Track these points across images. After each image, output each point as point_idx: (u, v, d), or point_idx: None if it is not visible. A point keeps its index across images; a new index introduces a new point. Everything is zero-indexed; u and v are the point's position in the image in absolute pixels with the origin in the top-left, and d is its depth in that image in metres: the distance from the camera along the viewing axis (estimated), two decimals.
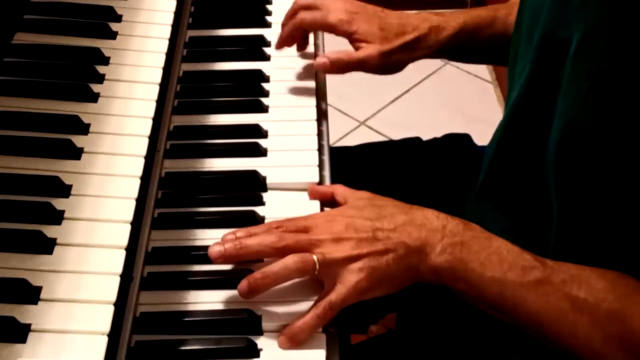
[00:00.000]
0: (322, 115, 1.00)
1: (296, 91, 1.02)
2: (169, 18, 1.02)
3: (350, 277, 0.74)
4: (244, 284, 0.73)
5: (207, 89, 1.01)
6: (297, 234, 0.76)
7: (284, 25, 1.04)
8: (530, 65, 0.82)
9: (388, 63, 1.01)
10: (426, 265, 0.75)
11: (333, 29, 1.01)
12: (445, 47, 1.02)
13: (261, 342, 0.73)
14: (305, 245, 0.75)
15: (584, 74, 0.71)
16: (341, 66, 0.99)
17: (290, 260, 0.73)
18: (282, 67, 1.05)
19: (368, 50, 0.99)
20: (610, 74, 0.69)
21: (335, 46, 1.03)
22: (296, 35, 1.03)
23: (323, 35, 1.11)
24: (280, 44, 1.04)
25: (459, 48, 1.04)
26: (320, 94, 1.02)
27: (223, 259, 0.75)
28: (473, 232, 0.77)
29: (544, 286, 0.73)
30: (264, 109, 0.98)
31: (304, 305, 0.75)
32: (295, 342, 0.72)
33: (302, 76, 1.03)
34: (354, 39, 1.01)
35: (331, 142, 0.99)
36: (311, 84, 1.03)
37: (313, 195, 0.87)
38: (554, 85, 0.76)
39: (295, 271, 0.74)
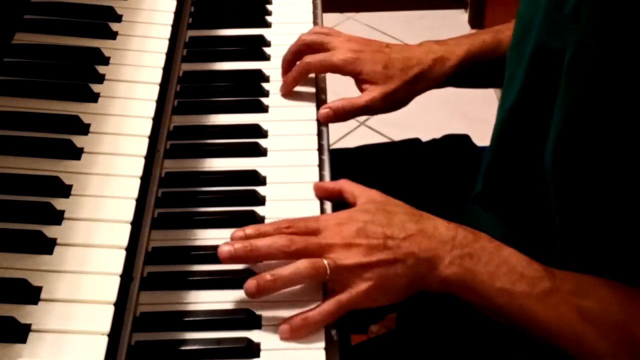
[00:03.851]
0: None
1: (296, 91, 1.01)
2: (169, 18, 1.02)
3: (360, 284, 0.74)
4: (252, 284, 0.73)
5: (207, 89, 1.01)
6: (307, 237, 0.76)
7: (286, 61, 1.02)
8: (524, 75, 0.82)
9: (392, 103, 1.00)
10: (434, 277, 0.76)
11: (338, 70, 1.00)
12: (451, 77, 1.02)
13: (261, 341, 0.73)
14: (316, 249, 0.75)
15: (579, 85, 0.71)
16: (345, 114, 0.98)
17: (302, 265, 0.73)
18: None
19: (371, 94, 0.98)
20: (604, 83, 0.69)
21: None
22: (302, 78, 1.01)
23: None
24: (287, 89, 1.00)
25: (464, 76, 1.03)
26: (320, 94, 1.02)
27: (232, 259, 0.75)
28: (482, 242, 0.77)
29: (552, 296, 0.74)
30: (264, 109, 0.98)
31: (304, 306, 0.75)
32: (296, 333, 0.72)
33: None
34: (359, 80, 1.00)
35: (331, 142, 0.98)
36: (311, 84, 1.02)
37: (318, 193, 0.86)
38: (549, 94, 0.76)
39: (306, 276, 0.74)
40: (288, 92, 1.01)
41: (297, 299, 0.76)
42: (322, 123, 0.98)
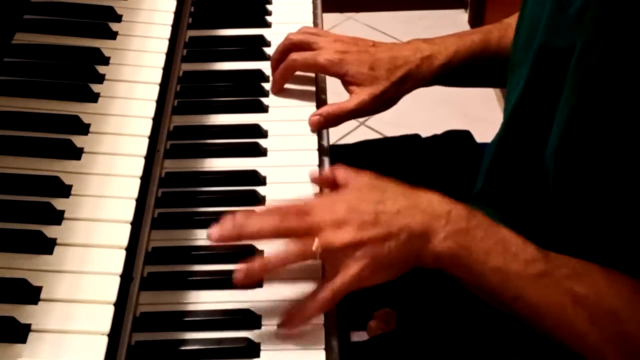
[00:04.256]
0: None
1: (296, 91, 1.02)
2: (169, 18, 1.02)
3: (352, 265, 0.73)
4: (240, 268, 0.73)
5: (207, 89, 1.01)
6: (297, 217, 0.75)
7: (274, 60, 1.02)
8: (528, 73, 0.82)
9: (381, 103, 1.00)
10: (428, 251, 0.74)
11: (323, 70, 1.01)
12: (438, 76, 1.01)
13: (261, 342, 0.73)
14: (307, 228, 0.74)
15: (583, 85, 0.71)
16: (335, 120, 0.98)
17: (291, 246, 0.73)
18: None
19: (359, 97, 0.98)
20: (607, 86, 0.69)
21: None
22: (288, 76, 1.02)
23: None
24: (276, 87, 1.01)
25: (452, 75, 1.02)
26: (320, 94, 1.02)
27: (222, 239, 0.74)
28: (478, 219, 0.76)
29: (545, 279, 0.73)
30: (264, 109, 0.98)
31: None
32: (294, 326, 0.72)
33: (302, 76, 1.03)
34: (345, 81, 1.00)
35: (331, 142, 0.99)
36: (311, 84, 1.03)
37: (315, 181, 0.86)
38: (553, 94, 0.76)
39: (297, 257, 0.73)
40: (278, 90, 1.01)
41: (298, 299, 0.76)
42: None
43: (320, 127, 0.97)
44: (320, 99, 1.02)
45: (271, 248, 0.76)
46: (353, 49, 1.00)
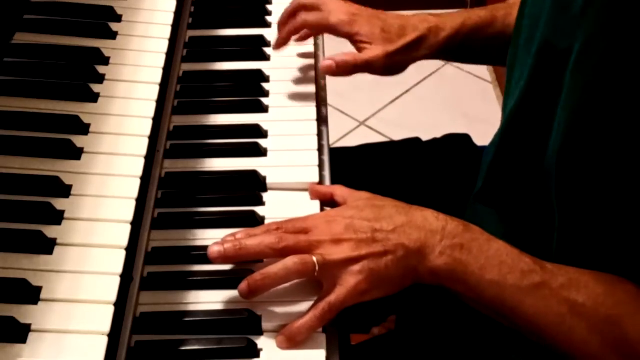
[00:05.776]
0: (322, 116, 1.00)
1: (296, 91, 1.02)
2: (169, 18, 1.02)
3: (350, 279, 0.74)
4: (244, 284, 0.74)
5: (207, 89, 1.01)
6: (296, 235, 0.76)
7: (282, 23, 1.04)
8: (529, 73, 0.82)
9: (392, 64, 1.01)
10: (425, 267, 0.75)
11: (334, 30, 1.01)
12: (444, 47, 1.02)
13: (261, 342, 0.73)
14: (305, 246, 0.75)
15: (583, 86, 0.71)
16: (347, 68, 0.99)
17: (290, 261, 0.73)
18: (282, 67, 1.05)
19: (374, 51, 0.99)
20: (608, 85, 0.69)
21: (333, 45, 1.04)
22: (296, 33, 1.04)
23: (323, 36, 1.11)
24: (280, 44, 1.04)
25: (457, 49, 1.04)
26: (320, 94, 1.02)
27: (222, 259, 0.75)
28: (473, 234, 0.77)
29: (542, 290, 0.73)
30: (264, 109, 0.98)
31: (303, 306, 0.75)
32: (293, 342, 0.73)
33: (302, 76, 1.03)
34: (356, 41, 1.01)
35: (331, 142, 0.99)
36: (311, 84, 1.03)
37: (313, 195, 0.87)
38: (554, 93, 0.76)
39: (295, 272, 0.74)
40: (281, 46, 1.04)
41: (298, 299, 0.76)
42: (322, 122, 0.98)
43: (330, 73, 0.99)
44: (320, 97, 1.02)
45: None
46: (363, 13, 1.02)
